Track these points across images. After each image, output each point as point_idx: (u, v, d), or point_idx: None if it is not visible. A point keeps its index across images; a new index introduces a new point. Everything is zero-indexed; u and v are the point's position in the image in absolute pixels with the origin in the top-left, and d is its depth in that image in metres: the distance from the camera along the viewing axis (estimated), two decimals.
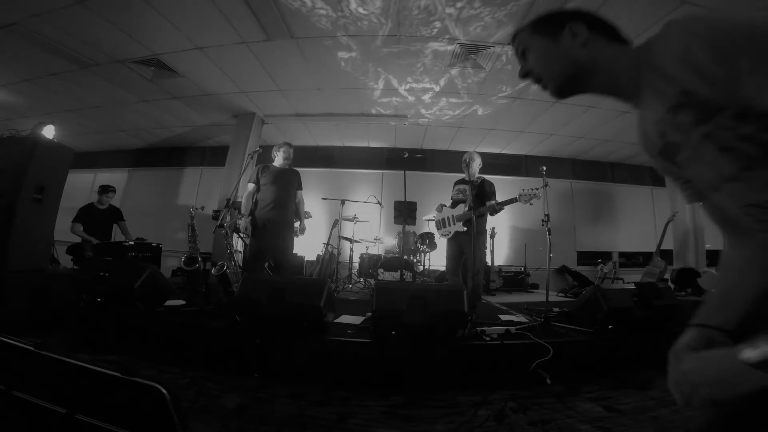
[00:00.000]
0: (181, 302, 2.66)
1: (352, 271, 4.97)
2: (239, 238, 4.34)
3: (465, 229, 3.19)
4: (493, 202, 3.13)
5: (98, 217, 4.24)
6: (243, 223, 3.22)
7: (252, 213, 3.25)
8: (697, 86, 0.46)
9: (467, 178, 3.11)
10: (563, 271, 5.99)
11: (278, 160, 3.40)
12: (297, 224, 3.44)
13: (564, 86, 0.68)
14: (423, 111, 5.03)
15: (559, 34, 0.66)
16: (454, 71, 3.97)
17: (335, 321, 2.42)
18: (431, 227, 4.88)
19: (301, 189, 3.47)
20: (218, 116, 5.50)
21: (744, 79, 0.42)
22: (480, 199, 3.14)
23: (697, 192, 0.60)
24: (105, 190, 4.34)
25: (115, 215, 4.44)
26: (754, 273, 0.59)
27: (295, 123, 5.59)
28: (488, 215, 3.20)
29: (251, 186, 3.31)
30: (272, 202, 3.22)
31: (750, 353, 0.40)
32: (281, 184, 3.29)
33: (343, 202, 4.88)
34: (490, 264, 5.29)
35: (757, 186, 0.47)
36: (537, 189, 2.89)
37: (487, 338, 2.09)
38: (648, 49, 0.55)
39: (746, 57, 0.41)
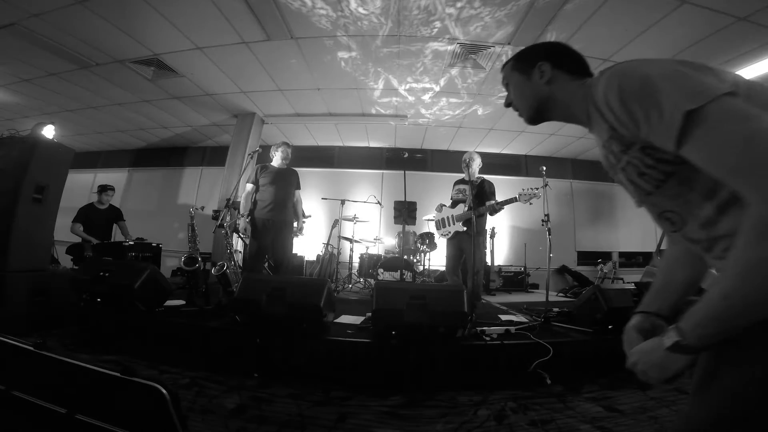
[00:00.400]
0: (181, 302, 2.67)
1: (352, 271, 4.97)
2: (239, 238, 4.34)
3: (465, 229, 3.19)
4: (492, 201, 3.14)
5: (98, 217, 4.24)
6: (242, 224, 3.22)
7: (251, 213, 3.25)
8: (615, 125, 0.58)
9: (467, 178, 3.11)
10: (563, 271, 5.99)
11: (276, 160, 3.40)
12: (295, 224, 3.44)
13: (533, 117, 0.82)
14: (423, 111, 5.03)
15: (530, 72, 0.78)
16: (454, 71, 3.97)
17: (335, 321, 2.42)
18: (431, 227, 4.88)
19: (299, 189, 3.47)
20: (218, 116, 5.50)
21: (641, 123, 0.53)
22: (480, 199, 3.14)
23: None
24: (104, 189, 4.34)
25: (115, 215, 4.44)
26: (684, 267, 0.74)
27: (295, 123, 5.59)
28: (488, 215, 3.20)
29: (250, 186, 3.32)
30: (271, 202, 3.22)
31: (666, 341, 0.53)
32: (280, 185, 3.29)
33: (343, 202, 4.88)
34: (490, 264, 5.29)
35: (668, 197, 0.61)
36: (537, 189, 2.89)
37: (487, 338, 2.09)
38: (591, 89, 0.66)
39: (640, 106, 0.52)
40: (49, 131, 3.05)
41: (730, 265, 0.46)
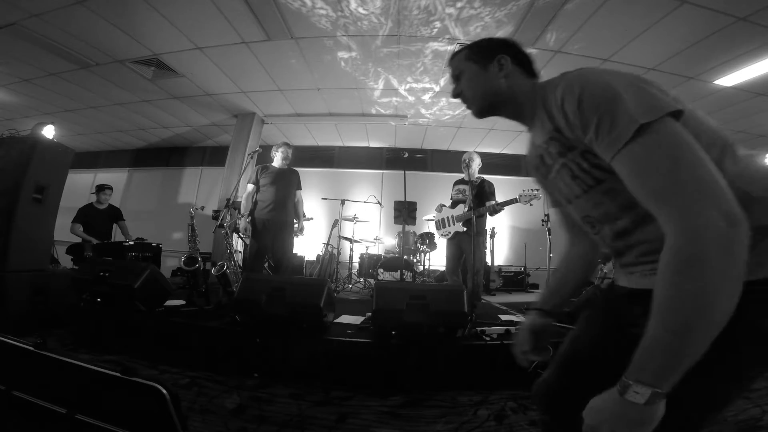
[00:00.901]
0: (181, 302, 2.66)
1: (352, 271, 4.96)
2: (239, 238, 4.34)
3: (465, 229, 3.19)
4: (493, 202, 3.13)
5: (98, 217, 4.24)
6: (242, 223, 3.23)
7: (252, 213, 3.26)
8: (563, 128, 0.62)
9: (467, 179, 3.11)
10: None
11: (277, 160, 3.41)
12: (296, 224, 3.44)
13: (485, 110, 0.80)
14: (423, 111, 5.03)
15: (488, 64, 0.77)
16: None
17: (335, 321, 2.42)
18: (431, 227, 4.88)
19: (300, 189, 3.48)
20: (218, 116, 5.50)
21: (590, 129, 0.56)
22: (480, 200, 3.14)
23: (556, 201, 0.82)
24: (101, 188, 4.32)
25: (114, 215, 4.43)
26: (576, 272, 0.85)
27: (295, 123, 5.59)
28: (488, 215, 3.20)
29: (250, 187, 3.32)
30: (272, 202, 3.23)
31: (637, 397, 0.46)
32: (280, 185, 3.29)
33: (343, 202, 4.87)
34: (490, 264, 5.29)
35: (592, 204, 0.66)
36: (537, 189, 2.88)
37: (487, 338, 2.09)
38: (545, 89, 0.69)
39: (596, 112, 0.54)
40: (49, 131, 3.05)
41: (663, 302, 0.47)
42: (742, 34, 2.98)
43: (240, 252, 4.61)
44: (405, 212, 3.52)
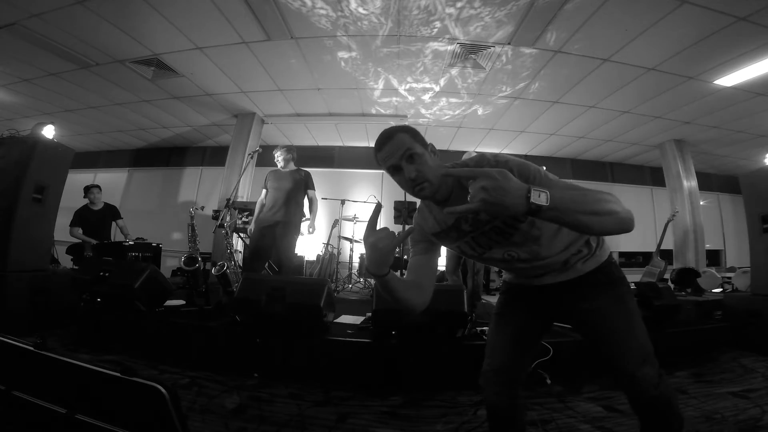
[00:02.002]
0: (181, 302, 2.67)
1: (352, 271, 4.97)
2: (239, 238, 4.34)
3: None
4: None
5: (94, 218, 4.22)
6: (252, 223, 3.31)
7: (258, 215, 3.34)
8: None
9: None
10: None
11: (278, 163, 3.45)
12: (306, 223, 3.48)
13: (436, 193, 0.89)
14: (423, 111, 5.03)
15: (427, 150, 0.88)
16: (454, 71, 3.97)
17: (335, 321, 2.42)
18: None
19: (311, 189, 3.49)
20: (218, 116, 5.50)
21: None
22: None
23: (426, 250, 1.02)
24: (88, 189, 4.25)
25: (111, 214, 4.40)
26: (417, 295, 0.95)
27: (295, 123, 5.59)
28: None
29: (263, 191, 3.43)
30: (273, 204, 3.30)
31: (536, 192, 0.68)
32: (282, 186, 3.34)
33: (343, 202, 4.88)
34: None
35: (508, 243, 0.94)
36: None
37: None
38: None
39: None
40: (49, 131, 3.05)
41: (596, 202, 0.72)
42: (742, 34, 2.98)
43: (240, 252, 4.61)
44: (405, 212, 3.52)
